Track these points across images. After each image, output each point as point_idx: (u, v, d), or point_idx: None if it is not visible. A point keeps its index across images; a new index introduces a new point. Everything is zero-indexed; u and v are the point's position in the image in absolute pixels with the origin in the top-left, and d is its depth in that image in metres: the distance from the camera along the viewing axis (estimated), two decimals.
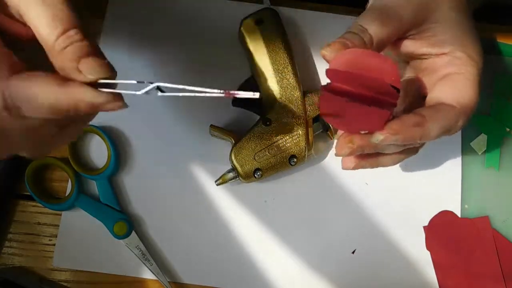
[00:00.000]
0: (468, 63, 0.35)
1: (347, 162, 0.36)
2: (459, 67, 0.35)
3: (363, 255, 0.44)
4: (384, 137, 0.32)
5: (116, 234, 0.43)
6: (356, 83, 0.31)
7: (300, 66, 0.44)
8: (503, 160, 0.46)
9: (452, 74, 0.35)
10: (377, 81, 0.31)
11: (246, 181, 0.43)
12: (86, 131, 0.45)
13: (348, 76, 0.31)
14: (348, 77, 0.31)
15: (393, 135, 0.32)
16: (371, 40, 0.33)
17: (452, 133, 0.34)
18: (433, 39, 0.35)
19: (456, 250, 0.44)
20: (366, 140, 0.32)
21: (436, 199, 0.45)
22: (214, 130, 0.43)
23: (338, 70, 0.31)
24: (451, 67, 0.35)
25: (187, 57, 0.47)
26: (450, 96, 0.34)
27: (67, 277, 0.43)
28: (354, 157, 0.36)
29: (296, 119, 0.42)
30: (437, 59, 0.36)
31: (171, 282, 0.43)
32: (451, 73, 0.35)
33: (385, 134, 0.32)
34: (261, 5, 0.46)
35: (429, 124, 0.32)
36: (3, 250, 0.44)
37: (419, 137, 0.33)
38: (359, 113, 0.31)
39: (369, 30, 0.33)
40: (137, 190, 0.45)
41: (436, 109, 0.34)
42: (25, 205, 0.44)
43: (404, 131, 0.32)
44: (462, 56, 0.35)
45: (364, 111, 0.31)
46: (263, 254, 0.44)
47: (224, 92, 0.29)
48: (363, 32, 0.33)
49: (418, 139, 0.33)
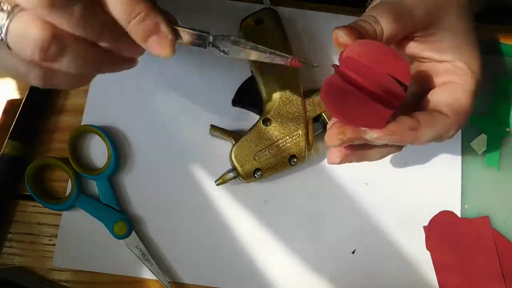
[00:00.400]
0: (468, 74, 0.35)
1: (334, 157, 0.36)
2: (459, 77, 0.35)
3: (363, 255, 0.44)
4: (378, 135, 0.32)
5: (116, 234, 0.43)
6: (367, 76, 0.31)
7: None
8: (503, 160, 0.46)
9: (452, 82, 0.35)
10: (388, 79, 0.31)
11: (246, 181, 0.43)
12: (86, 131, 0.45)
13: (361, 67, 0.31)
14: (360, 68, 0.31)
15: (388, 135, 0.32)
16: (381, 33, 0.33)
17: (442, 140, 0.35)
18: (438, 44, 0.36)
19: (456, 250, 0.44)
20: (359, 134, 0.32)
21: (436, 199, 0.45)
22: (214, 130, 0.44)
23: (352, 58, 0.31)
24: (451, 75, 0.36)
25: (187, 57, 0.47)
26: (447, 104, 0.35)
27: (67, 277, 0.43)
28: (341, 151, 0.36)
29: (296, 119, 0.42)
30: (438, 64, 0.36)
31: (171, 282, 0.43)
32: (451, 82, 0.35)
33: (380, 133, 0.32)
34: (261, 5, 0.46)
35: (423, 130, 0.33)
36: (3, 250, 0.44)
37: (412, 141, 0.33)
38: (362, 107, 0.31)
39: (381, 23, 0.33)
40: (137, 190, 0.45)
41: (432, 116, 0.34)
42: (25, 205, 0.44)
43: (399, 133, 0.32)
44: (463, 67, 0.35)
45: (368, 106, 0.31)
46: (263, 254, 0.44)
47: (291, 60, 0.33)
48: (376, 24, 0.33)
49: (410, 142, 0.33)
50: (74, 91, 0.47)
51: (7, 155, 0.43)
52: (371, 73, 0.31)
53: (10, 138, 0.44)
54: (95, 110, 0.46)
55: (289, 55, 0.33)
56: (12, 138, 0.44)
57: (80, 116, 0.46)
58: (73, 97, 0.47)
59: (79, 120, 0.46)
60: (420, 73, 0.37)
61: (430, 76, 0.37)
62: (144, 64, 0.47)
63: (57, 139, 0.46)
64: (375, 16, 0.33)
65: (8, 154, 0.43)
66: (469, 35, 0.36)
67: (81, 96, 0.46)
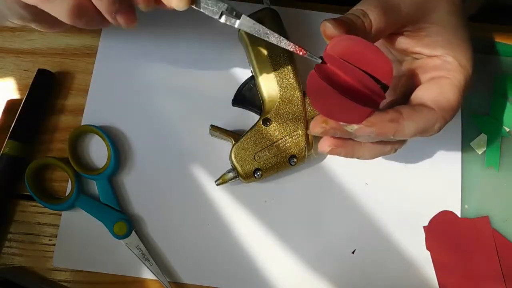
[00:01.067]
0: (457, 69, 0.35)
1: (324, 146, 0.36)
2: (447, 71, 0.35)
3: (363, 255, 0.44)
4: (358, 127, 0.32)
5: (116, 234, 0.43)
6: (349, 72, 0.31)
7: (300, 66, 0.44)
8: (503, 160, 0.46)
9: (440, 77, 0.35)
10: (369, 77, 0.31)
11: (246, 181, 0.43)
12: (86, 131, 0.45)
13: (343, 64, 0.31)
14: (343, 65, 0.31)
15: (367, 127, 0.32)
16: (370, 26, 0.33)
17: (428, 134, 0.35)
18: (427, 39, 0.36)
19: (456, 250, 0.44)
20: (340, 125, 0.33)
21: (436, 199, 0.45)
22: (214, 130, 0.44)
23: (334, 56, 0.31)
24: (440, 70, 0.35)
25: (187, 57, 0.47)
26: (432, 98, 0.34)
27: (67, 277, 0.43)
28: (331, 141, 0.36)
29: (296, 119, 0.42)
30: (428, 60, 0.36)
31: (171, 282, 0.43)
32: (439, 77, 0.35)
33: (359, 125, 0.32)
34: (261, 5, 0.46)
35: (405, 122, 0.33)
36: (3, 250, 0.44)
37: (393, 133, 0.33)
38: (341, 104, 0.31)
39: (370, 16, 0.33)
40: (137, 190, 0.45)
41: (414, 109, 0.34)
42: (25, 205, 0.44)
43: (379, 125, 0.32)
44: (452, 61, 0.35)
45: (347, 104, 0.31)
46: (263, 254, 0.44)
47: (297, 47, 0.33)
48: (364, 16, 0.33)
49: (392, 134, 0.33)
50: (74, 91, 0.47)
51: (7, 155, 0.43)
52: (352, 70, 0.31)
53: (10, 138, 0.44)
54: (95, 110, 0.46)
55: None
56: (12, 138, 0.44)
57: (80, 116, 0.46)
58: (73, 97, 0.47)
59: (79, 120, 0.46)
60: (412, 71, 0.37)
61: (421, 73, 0.37)
62: (144, 64, 0.47)
63: (57, 139, 0.46)
64: (364, 9, 0.33)
65: (8, 154, 0.43)
66: (460, 30, 0.36)
67: (81, 96, 0.46)
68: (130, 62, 0.47)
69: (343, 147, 0.36)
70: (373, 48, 0.31)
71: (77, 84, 0.47)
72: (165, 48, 0.47)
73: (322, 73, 0.32)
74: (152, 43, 0.47)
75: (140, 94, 0.46)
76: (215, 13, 0.33)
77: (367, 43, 0.31)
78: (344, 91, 0.31)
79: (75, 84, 0.47)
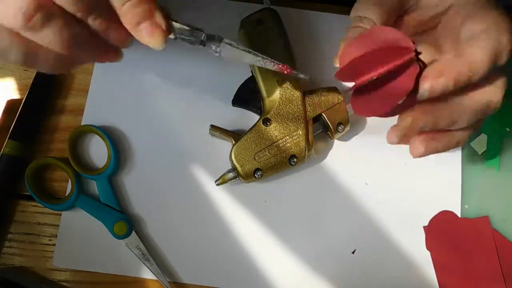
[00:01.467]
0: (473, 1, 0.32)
1: (416, 149, 0.32)
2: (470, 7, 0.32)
3: (363, 255, 0.44)
4: (429, 85, 0.28)
5: (116, 234, 0.43)
6: (371, 63, 0.30)
7: (300, 66, 0.44)
8: (503, 160, 0.46)
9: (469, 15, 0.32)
10: (389, 50, 0.30)
11: (246, 181, 0.43)
12: (86, 131, 0.45)
13: (360, 61, 0.30)
14: (361, 63, 0.30)
15: (438, 78, 0.28)
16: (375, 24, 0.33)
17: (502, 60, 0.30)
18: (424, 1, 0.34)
19: (456, 250, 0.44)
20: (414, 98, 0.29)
21: (436, 199, 0.45)
22: (214, 130, 0.44)
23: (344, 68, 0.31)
24: (462, 10, 0.32)
25: (187, 56, 0.47)
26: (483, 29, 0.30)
27: (67, 277, 0.43)
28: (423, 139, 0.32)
29: (296, 119, 0.42)
30: (445, 16, 0.34)
31: (171, 282, 0.43)
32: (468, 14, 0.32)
33: (429, 81, 0.28)
34: (261, 5, 0.46)
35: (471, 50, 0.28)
36: (3, 250, 0.44)
37: (468, 69, 0.28)
38: (389, 90, 0.30)
39: (370, 16, 0.33)
40: (137, 190, 0.45)
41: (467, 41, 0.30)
42: (25, 205, 0.44)
43: (447, 70, 0.28)
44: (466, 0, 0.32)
45: (390, 86, 0.30)
46: (263, 254, 0.44)
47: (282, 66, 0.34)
48: (362, 21, 0.33)
49: (468, 71, 0.28)
50: (74, 91, 0.47)
51: (7, 155, 0.43)
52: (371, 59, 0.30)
53: (10, 138, 0.44)
54: (95, 110, 0.46)
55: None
56: (12, 138, 0.44)
57: (80, 116, 0.46)
58: (73, 97, 0.47)
59: (79, 120, 0.46)
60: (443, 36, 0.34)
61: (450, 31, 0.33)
62: (144, 64, 0.47)
63: (57, 139, 0.46)
64: (360, 14, 0.33)
65: (8, 154, 0.43)
66: None
67: (81, 96, 0.46)
68: (130, 62, 0.47)
69: (437, 139, 0.33)
70: (367, 34, 0.31)
71: (77, 84, 0.47)
72: (165, 48, 0.47)
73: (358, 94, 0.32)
74: None
75: (140, 94, 0.46)
76: (194, 43, 0.32)
77: (360, 38, 0.31)
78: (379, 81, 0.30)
79: (75, 84, 0.47)
